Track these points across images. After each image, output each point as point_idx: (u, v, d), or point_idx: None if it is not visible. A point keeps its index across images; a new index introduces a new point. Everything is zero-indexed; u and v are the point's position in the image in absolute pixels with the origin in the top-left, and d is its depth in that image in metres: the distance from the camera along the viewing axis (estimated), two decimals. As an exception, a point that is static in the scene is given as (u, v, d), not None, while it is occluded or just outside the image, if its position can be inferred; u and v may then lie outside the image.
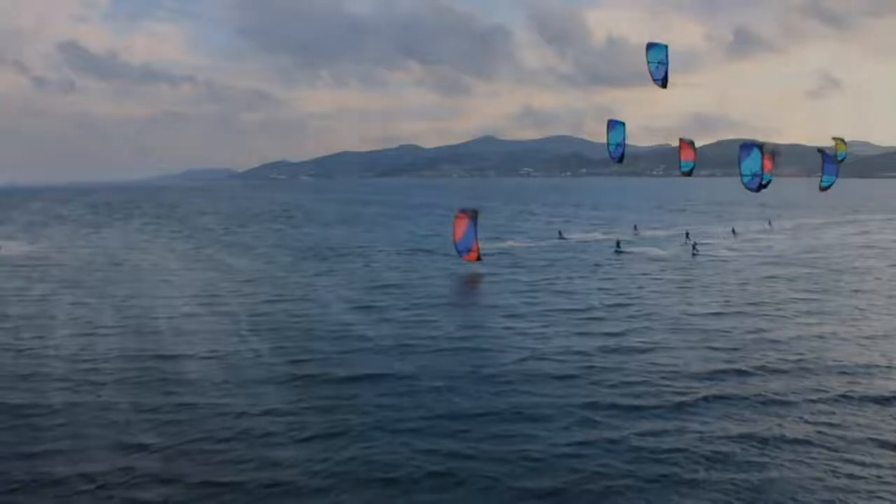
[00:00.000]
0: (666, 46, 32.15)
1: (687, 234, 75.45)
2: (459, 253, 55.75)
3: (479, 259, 55.31)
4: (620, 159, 35.83)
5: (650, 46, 32.28)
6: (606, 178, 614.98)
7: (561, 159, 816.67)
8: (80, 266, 61.67)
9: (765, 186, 37.97)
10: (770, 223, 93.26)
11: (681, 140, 39.74)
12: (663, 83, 32.18)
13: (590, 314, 38.15)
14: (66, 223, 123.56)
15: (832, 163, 41.81)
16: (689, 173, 40.11)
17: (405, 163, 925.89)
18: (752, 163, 34.98)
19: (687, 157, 39.97)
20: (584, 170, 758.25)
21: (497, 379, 26.42)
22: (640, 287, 46.59)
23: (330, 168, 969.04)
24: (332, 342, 32.70)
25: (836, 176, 42.07)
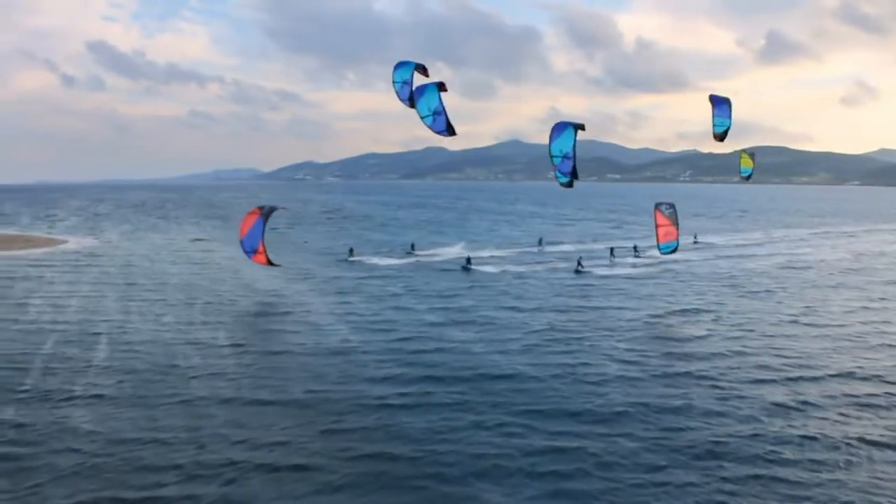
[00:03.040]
0: (413, 64, 29.34)
1: (612, 251, 68.92)
2: (246, 253, 49.51)
3: (270, 264, 49.26)
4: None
5: (397, 66, 29.52)
6: (632, 184, 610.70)
7: (588, 164, 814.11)
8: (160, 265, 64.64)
9: (570, 185, 32.46)
10: (696, 238, 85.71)
11: None
12: (410, 103, 29.31)
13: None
14: (125, 221, 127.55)
15: (725, 105, 36.38)
16: (570, 184, 33.12)
17: (431, 165, 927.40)
18: (562, 143, 30.28)
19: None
20: (613, 175, 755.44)
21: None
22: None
23: (356, 169, 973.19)
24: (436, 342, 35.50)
25: (730, 119, 36.68)
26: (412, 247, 74.24)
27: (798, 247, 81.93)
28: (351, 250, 69.76)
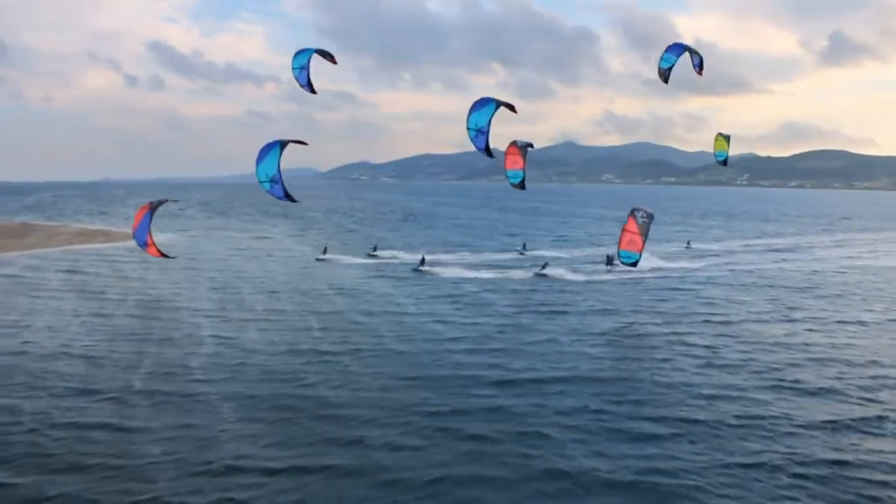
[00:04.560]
0: (311, 51, 30.08)
1: (608, 258, 64.98)
2: (140, 246, 49.08)
3: (163, 255, 51.20)
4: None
5: (296, 54, 30.50)
6: (688, 187, 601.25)
7: (643, 166, 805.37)
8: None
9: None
10: (688, 244, 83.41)
11: (511, 145, 31.55)
12: (310, 88, 30.61)
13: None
14: (193, 218, 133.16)
15: (681, 47, 33.78)
16: (522, 185, 32.14)
17: (485, 166, 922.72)
18: (479, 118, 28.89)
19: (514, 165, 31.85)
20: (668, 178, 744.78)
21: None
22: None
23: (410, 170, 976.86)
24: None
25: (677, 57, 33.67)
26: (374, 248, 72.93)
27: (870, 252, 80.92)
28: (325, 249, 70.77)
